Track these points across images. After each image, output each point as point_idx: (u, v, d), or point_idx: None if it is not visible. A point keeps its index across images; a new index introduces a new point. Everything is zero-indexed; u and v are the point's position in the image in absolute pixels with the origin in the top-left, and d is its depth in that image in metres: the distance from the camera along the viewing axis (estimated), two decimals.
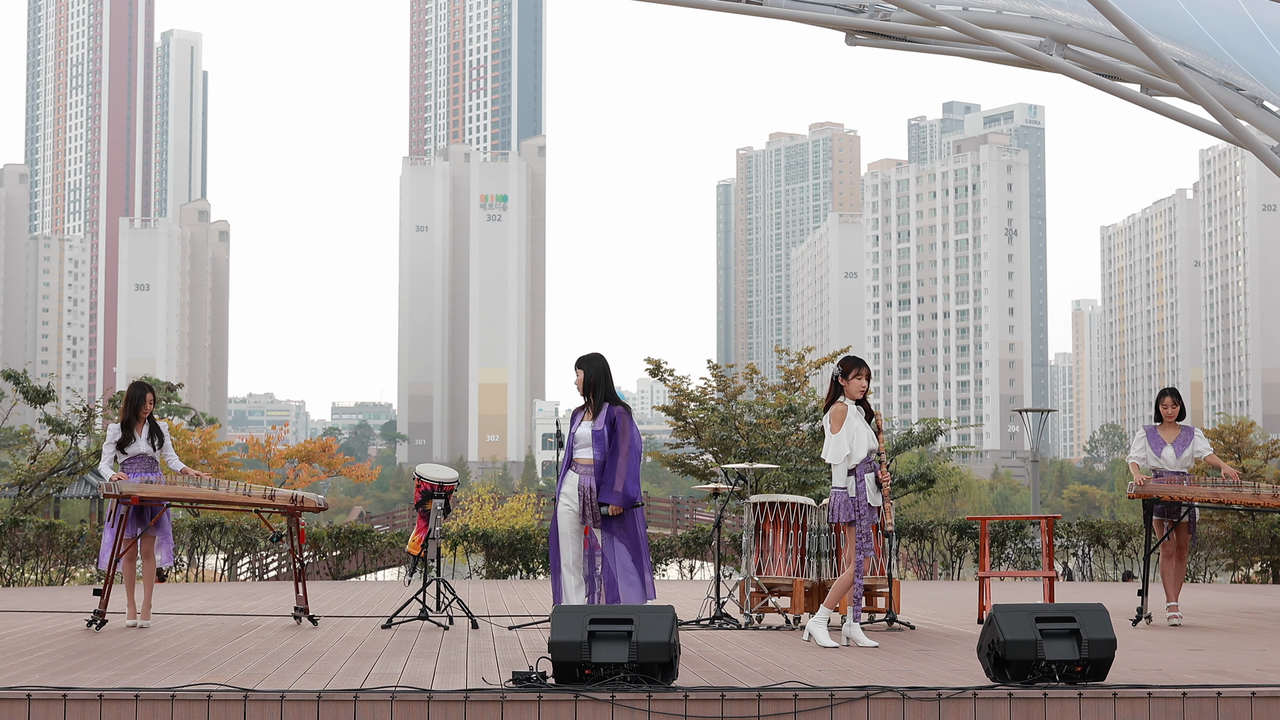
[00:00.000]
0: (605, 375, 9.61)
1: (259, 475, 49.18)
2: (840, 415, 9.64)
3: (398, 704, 6.69)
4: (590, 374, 9.59)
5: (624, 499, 9.33)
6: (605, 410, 9.51)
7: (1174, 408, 11.83)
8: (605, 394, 9.57)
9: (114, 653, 9.05)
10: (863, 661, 8.67)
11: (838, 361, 9.82)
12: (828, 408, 9.80)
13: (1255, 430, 43.77)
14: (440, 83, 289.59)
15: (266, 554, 28.49)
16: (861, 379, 9.72)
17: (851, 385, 9.72)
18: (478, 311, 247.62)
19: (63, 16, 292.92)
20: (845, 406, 9.69)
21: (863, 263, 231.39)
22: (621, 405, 9.53)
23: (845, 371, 9.75)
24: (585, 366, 9.63)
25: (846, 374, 9.75)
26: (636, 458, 9.39)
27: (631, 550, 9.42)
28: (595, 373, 9.60)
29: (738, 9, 13.09)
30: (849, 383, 9.74)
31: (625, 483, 9.32)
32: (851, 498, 9.63)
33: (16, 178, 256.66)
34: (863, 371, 9.76)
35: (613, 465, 9.34)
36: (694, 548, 22.49)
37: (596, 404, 9.55)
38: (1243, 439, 39.45)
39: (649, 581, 9.44)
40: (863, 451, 9.64)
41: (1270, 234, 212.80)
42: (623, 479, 9.31)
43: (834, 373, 9.79)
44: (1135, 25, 10.82)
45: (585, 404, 9.67)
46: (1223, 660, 8.77)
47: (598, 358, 9.68)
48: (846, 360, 9.78)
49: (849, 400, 9.73)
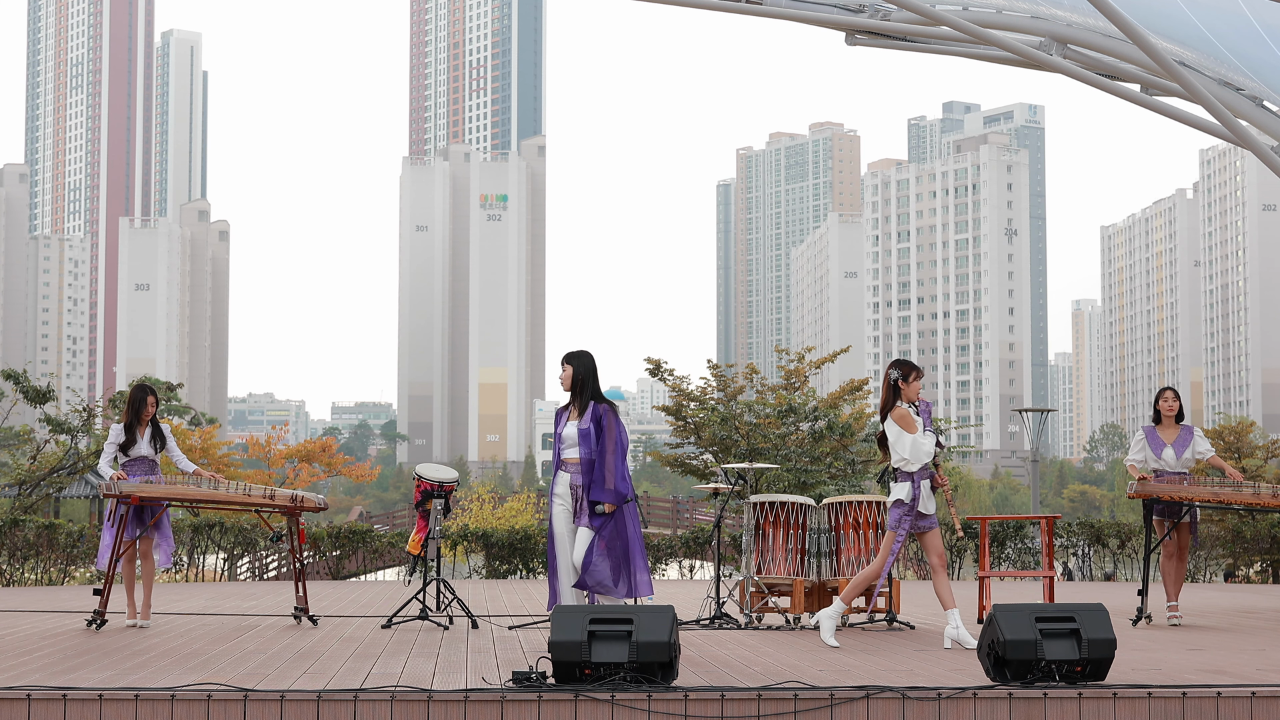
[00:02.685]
0: (593, 373, 9.50)
1: (259, 475, 49.19)
2: (909, 418, 9.61)
3: (398, 704, 6.69)
4: (579, 370, 9.47)
5: (616, 496, 9.26)
6: (591, 408, 9.40)
7: (1175, 402, 11.82)
8: (592, 392, 9.46)
9: (114, 653, 9.05)
10: (863, 661, 8.67)
11: (895, 365, 9.71)
12: (885, 412, 9.74)
13: (1255, 430, 43.76)
14: (440, 83, 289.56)
15: (266, 554, 28.50)
16: (920, 382, 9.73)
17: (911, 389, 9.70)
18: (478, 311, 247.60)
19: (63, 16, 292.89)
20: (907, 410, 9.66)
21: (863, 263, 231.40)
22: (607, 403, 9.44)
23: (905, 375, 9.70)
24: (574, 363, 9.51)
25: (906, 377, 9.70)
26: (624, 454, 9.31)
27: (625, 547, 9.35)
28: (584, 370, 9.48)
29: (738, 9, 13.09)
30: (909, 386, 9.71)
31: (616, 480, 9.25)
32: (907, 505, 9.62)
33: (16, 178, 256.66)
34: (921, 375, 9.77)
35: (602, 463, 9.26)
36: (694, 548, 22.49)
37: (583, 402, 9.44)
38: (1243, 439, 39.44)
39: (643, 580, 9.37)
40: (929, 453, 9.65)
41: (1270, 234, 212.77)
42: (613, 476, 9.24)
43: (892, 376, 9.70)
44: (1135, 25, 10.82)
45: (570, 402, 9.55)
46: (1223, 660, 8.77)
47: (586, 354, 9.57)
48: (905, 364, 9.73)
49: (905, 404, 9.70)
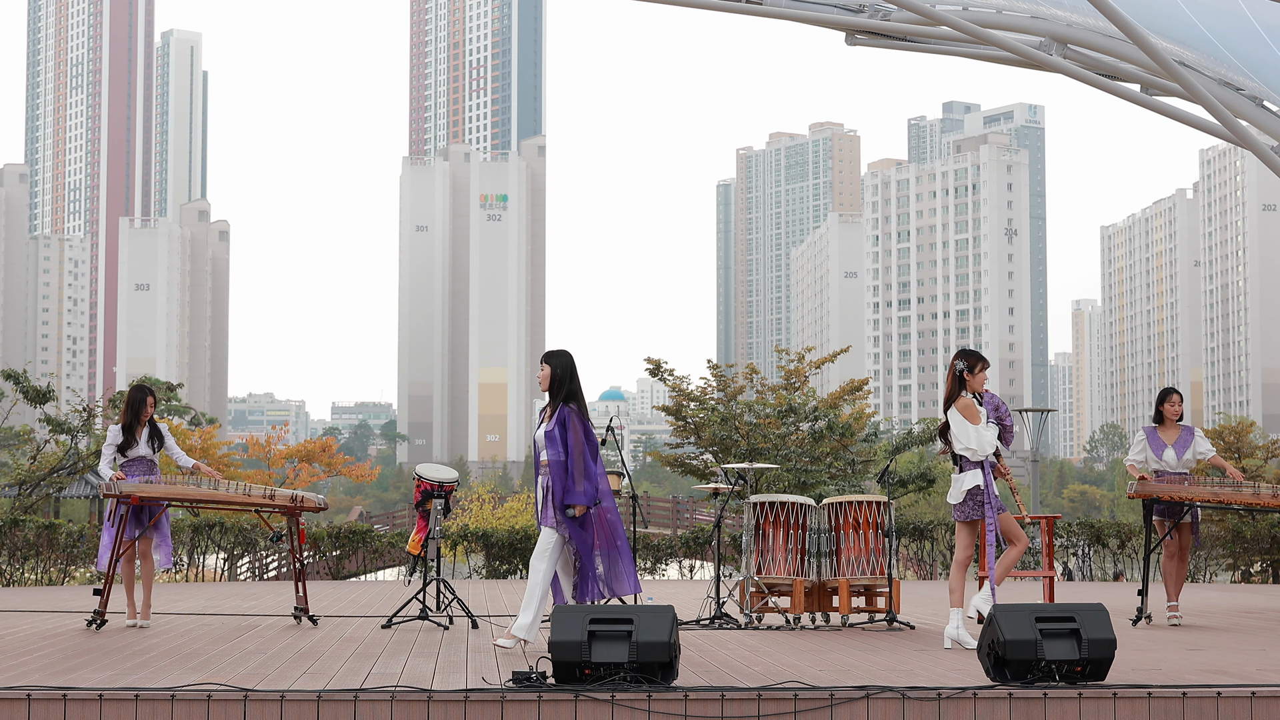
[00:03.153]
0: (570, 373, 9.34)
1: (259, 475, 49.18)
2: (974, 408, 9.62)
3: (398, 704, 6.69)
4: (557, 370, 9.30)
5: (587, 497, 9.11)
6: (559, 410, 9.26)
7: (1180, 405, 11.84)
8: (567, 392, 9.29)
9: (114, 653, 9.05)
10: (863, 661, 8.68)
11: (961, 355, 9.71)
12: (949, 402, 9.74)
13: (1255, 430, 43.77)
14: (440, 83, 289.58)
15: (266, 554, 28.50)
16: (985, 373, 9.73)
17: (977, 379, 9.70)
18: (478, 311, 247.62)
19: (63, 16, 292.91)
20: (971, 400, 9.66)
21: (863, 262, 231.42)
22: (574, 403, 9.26)
23: (971, 366, 9.70)
24: (553, 362, 9.35)
25: (972, 368, 9.70)
26: (591, 454, 9.13)
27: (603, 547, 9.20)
28: (562, 369, 9.31)
29: (738, 9, 13.09)
30: (974, 377, 9.71)
31: (584, 481, 9.10)
32: (984, 489, 9.63)
33: (16, 178, 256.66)
34: (986, 365, 9.78)
35: (570, 465, 9.12)
36: (694, 548, 22.49)
37: (555, 403, 9.30)
38: (1243, 439, 39.45)
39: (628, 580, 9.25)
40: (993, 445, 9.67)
41: (1270, 234, 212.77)
42: (581, 477, 9.09)
43: (957, 367, 9.69)
44: (1135, 25, 10.82)
45: (548, 403, 9.42)
46: (1223, 660, 8.77)
47: (564, 354, 9.42)
48: (971, 355, 9.73)
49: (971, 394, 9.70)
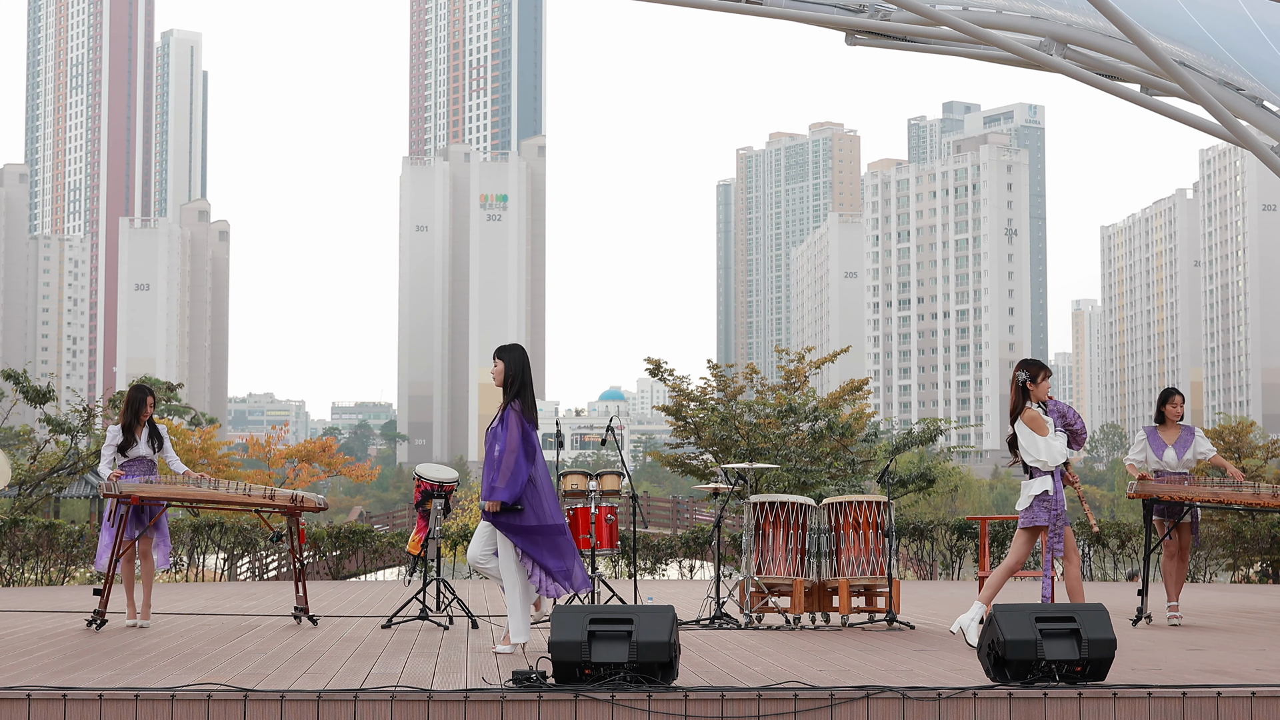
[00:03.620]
0: (523, 369, 9.17)
1: (259, 475, 49.18)
2: (1040, 419, 9.61)
3: (398, 704, 6.69)
4: (511, 366, 9.14)
5: (505, 496, 8.95)
6: (505, 408, 9.13)
7: (1181, 405, 11.86)
8: (516, 390, 9.13)
9: (114, 653, 9.05)
10: (863, 661, 8.68)
11: (1023, 365, 9.68)
12: (1015, 414, 9.72)
13: (1255, 430, 43.72)
14: (440, 83, 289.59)
15: (266, 554, 28.50)
16: (1048, 381, 9.73)
17: (1040, 389, 9.69)
18: (478, 311, 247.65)
19: (63, 16, 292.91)
20: (1037, 411, 9.65)
21: (863, 262, 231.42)
22: (520, 401, 9.08)
23: (1033, 376, 9.68)
24: (505, 357, 9.17)
25: (1035, 378, 9.69)
26: (521, 454, 8.96)
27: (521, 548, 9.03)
28: (515, 366, 9.15)
29: (738, 9, 13.09)
30: (1037, 386, 9.70)
31: (507, 481, 8.93)
32: (1053, 497, 9.63)
33: (16, 178, 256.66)
34: (1049, 374, 9.77)
35: (498, 463, 8.99)
36: (694, 548, 22.48)
37: (506, 401, 9.15)
38: (1243, 439, 39.41)
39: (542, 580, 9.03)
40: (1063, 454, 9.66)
41: (1270, 234, 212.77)
42: (505, 476, 8.93)
43: (1020, 378, 9.66)
44: (1135, 25, 10.82)
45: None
46: (1223, 660, 8.78)
47: (518, 349, 9.24)
48: (1033, 364, 9.71)
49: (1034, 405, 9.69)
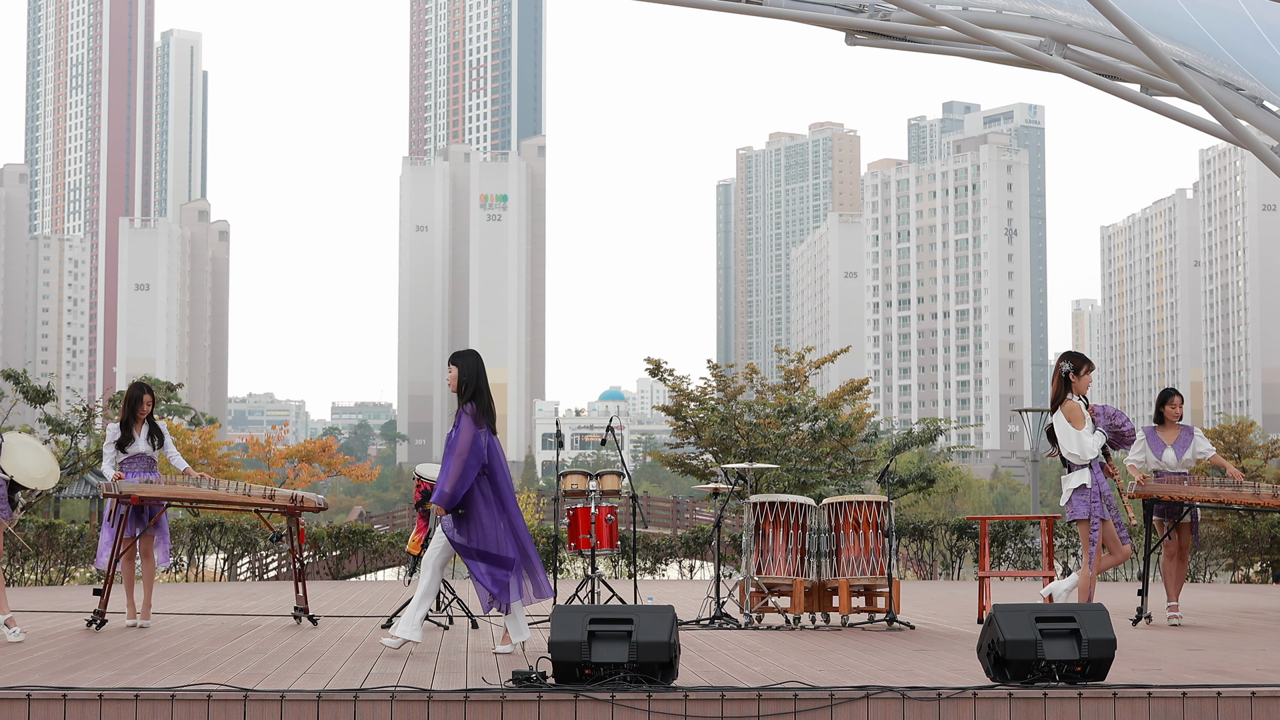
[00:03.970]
0: (477, 374, 9.18)
1: (259, 475, 49.16)
2: (1078, 412, 9.58)
3: (398, 704, 6.69)
4: (465, 372, 9.16)
5: (447, 499, 8.93)
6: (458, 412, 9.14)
7: (1181, 406, 11.86)
8: (470, 394, 9.12)
9: (114, 653, 9.05)
10: (863, 661, 8.68)
11: (1067, 357, 9.65)
12: (1056, 404, 9.69)
13: (1255, 430, 43.72)
14: (440, 83, 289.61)
15: (266, 554, 28.50)
16: (1090, 375, 9.70)
17: (1082, 381, 9.67)
18: (478, 311, 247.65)
19: (63, 16, 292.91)
20: (1077, 404, 9.62)
21: (863, 263, 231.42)
22: (472, 405, 9.07)
23: (1076, 368, 9.65)
24: (459, 363, 9.19)
25: (1078, 370, 9.66)
26: (465, 459, 8.94)
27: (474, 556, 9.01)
28: (469, 371, 9.17)
29: (738, 9, 13.09)
30: (1079, 379, 9.66)
31: (452, 483, 8.90)
32: (1091, 490, 9.60)
33: (16, 178, 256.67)
34: (1091, 368, 9.74)
35: (445, 467, 8.98)
36: (694, 548, 22.48)
37: (460, 405, 9.16)
38: (1243, 439, 39.42)
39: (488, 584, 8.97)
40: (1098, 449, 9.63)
41: (1270, 234, 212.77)
42: (451, 480, 8.92)
43: (1063, 369, 9.64)
44: (1135, 25, 10.82)
45: None
46: (1223, 660, 8.78)
47: (471, 355, 9.27)
48: (1076, 356, 9.69)
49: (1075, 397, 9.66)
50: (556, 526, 14.16)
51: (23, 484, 9.98)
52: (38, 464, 10.17)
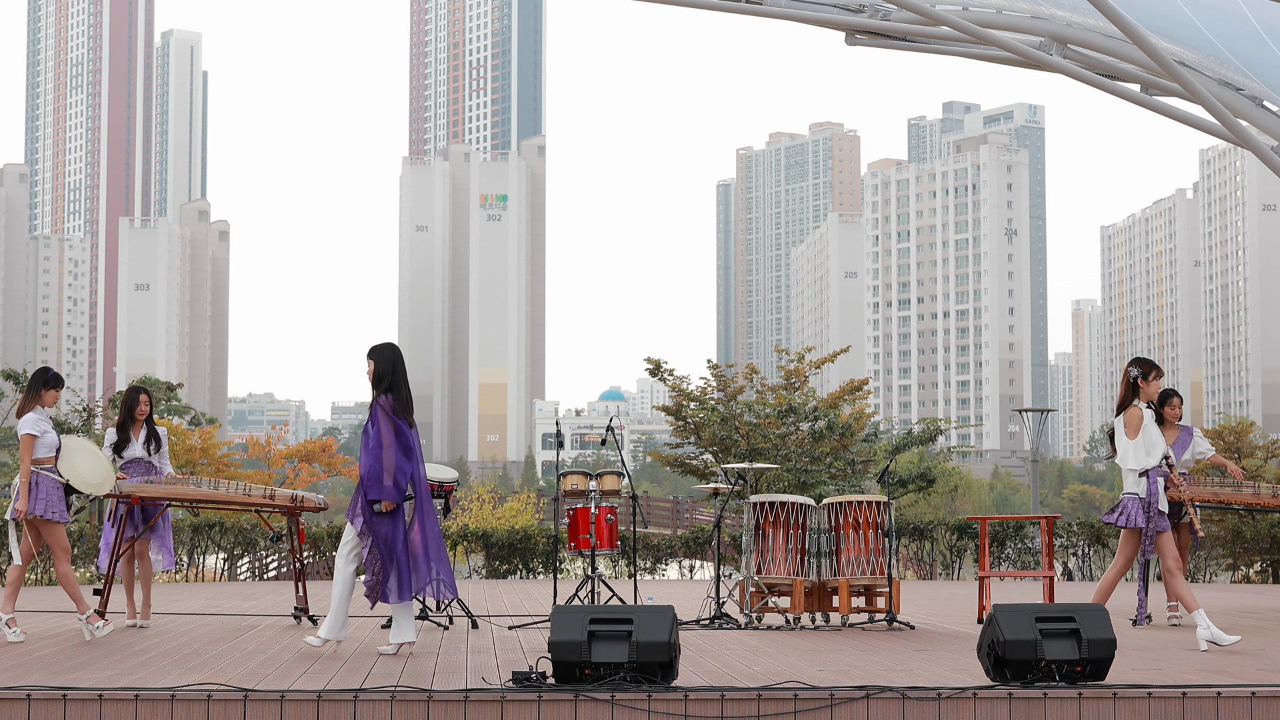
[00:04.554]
0: (393, 367, 9.12)
1: (259, 475, 49.12)
2: (1137, 420, 9.53)
3: (398, 704, 6.69)
4: (380, 365, 9.11)
5: (393, 492, 8.89)
6: (373, 405, 9.09)
7: (1180, 407, 11.87)
8: (386, 386, 9.06)
9: (114, 653, 9.05)
10: (863, 661, 8.68)
11: (1134, 363, 9.59)
12: (1122, 408, 9.64)
13: (1255, 430, 43.71)
14: (440, 83, 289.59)
15: (266, 554, 28.49)
16: (1159, 381, 9.65)
17: (1151, 387, 9.62)
18: (478, 311, 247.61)
19: (63, 16, 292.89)
20: (1141, 411, 9.57)
21: (863, 263, 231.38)
22: (390, 396, 9.02)
23: (1145, 373, 9.60)
24: (376, 356, 9.15)
25: (1146, 375, 9.61)
26: (396, 449, 8.91)
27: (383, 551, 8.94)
28: (384, 363, 9.11)
29: (738, 9, 13.09)
30: (1148, 384, 9.62)
31: (390, 475, 8.88)
32: (1143, 499, 9.56)
33: (16, 178, 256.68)
34: (1160, 374, 9.70)
35: (378, 460, 8.91)
36: (694, 548, 22.47)
37: (375, 397, 9.10)
38: (1243, 439, 39.40)
39: (391, 586, 8.91)
40: (1158, 457, 9.57)
41: (1270, 234, 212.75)
42: (389, 473, 8.89)
43: (1131, 374, 9.58)
44: (1135, 25, 10.82)
45: None
46: (1223, 660, 8.77)
47: (388, 348, 9.22)
48: (1145, 362, 9.64)
49: (1142, 403, 9.62)
50: (556, 526, 14.16)
51: (78, 488, 10.10)
52: (93, 469, 10.32)
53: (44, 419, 10.08)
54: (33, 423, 9.96)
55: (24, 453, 9.88)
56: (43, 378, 10.08)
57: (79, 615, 9.99)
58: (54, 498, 9.94)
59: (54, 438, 10.06)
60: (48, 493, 9.91)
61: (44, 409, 10.09)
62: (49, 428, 10.08)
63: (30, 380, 10.14)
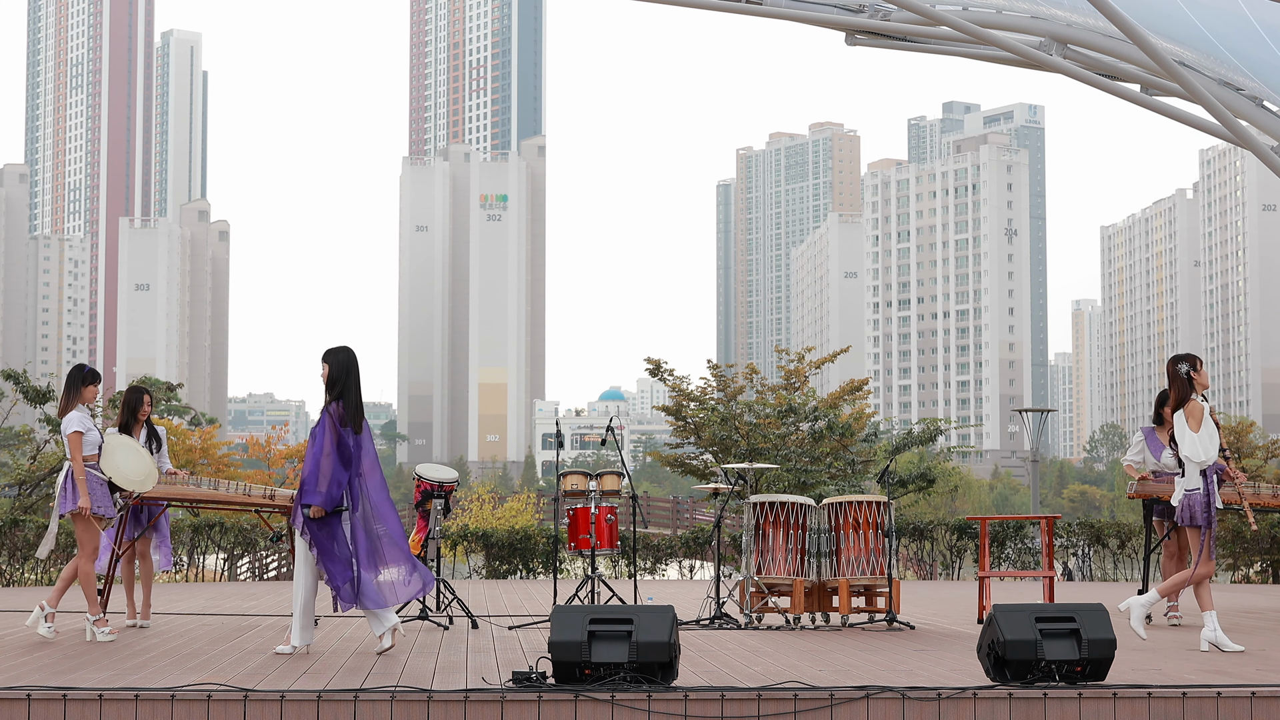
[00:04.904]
0: (347, 370, 9.10)
1: (259, 475, 49.11)
2: (1199, 413, 9.49)
3: (398, 704, 6.69)
4: (335, 369, 9.09)
5: (326, 500, 8.90)
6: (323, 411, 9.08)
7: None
8: (338, 393, 9.06)
9: (114, 653, 9.05)
10: (862, 661, 8.68)
11: (1180, 360, 9.56)
12: (1179, 405, 9.60)
13: (1255, 430, 43.75)
14: (440, 83, 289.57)
15: (266, 554, 28.49)
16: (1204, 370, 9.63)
17: (1202, 376, 9.60)
18: (478, 311, 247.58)
19: (63, 16, 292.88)
20: (1201, 405, 9.54)
21: (863, 263, 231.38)
22: (340, 403, 9.02)
23: (1194, 365, 9.58)
24: (330, 360, 9.13)
25: (1196, 367, 9.58)
26: (335, 457, 8.92)
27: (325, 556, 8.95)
28: (339, 367, 9.09)
29: (738, 9, 13.09)
30: (1200, 375, 9.59)
31: (325, 483, 8.88)
32: (1203, 495, 9.52)
33: (16, 178, 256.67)
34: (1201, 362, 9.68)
35: (315, 466, 8.93)
36: (694, 548, 22.47)
37: (326, 403, 9.09)
38: (1243, 439, 39.44)
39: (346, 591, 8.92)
40: (1216, 450, 9.55)
41: (1270, 234, 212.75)
42: (324, 480, 8.89)
43: (1182, 369, 9.54)
44: (1135, 25, 10.82)
45: None
46: (1223, 660, 8.77)
47: (343, 350, 9.19)
48: (1189, 356, 9.61)
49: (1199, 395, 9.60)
50: (556, 526, 14.16)
51: (120, 485, 10.19)
52: (136, 466, 10.42)
53: (87, 416, 10.19)
54: (78, 420, 10.10)
55: (74, 450, 10.00)
56: (80, 375, 10.22)
57: (88, 615, 10.01)
58: (100, 494, 10.08)
59: (97, 435, 10.22)
60: (92, 489, 10.04)
61: (85, 406, 10.20)
62: (92, 425, 10.21)
63: (68, 379, 10.25)
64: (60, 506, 10.10)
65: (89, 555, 10.01)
